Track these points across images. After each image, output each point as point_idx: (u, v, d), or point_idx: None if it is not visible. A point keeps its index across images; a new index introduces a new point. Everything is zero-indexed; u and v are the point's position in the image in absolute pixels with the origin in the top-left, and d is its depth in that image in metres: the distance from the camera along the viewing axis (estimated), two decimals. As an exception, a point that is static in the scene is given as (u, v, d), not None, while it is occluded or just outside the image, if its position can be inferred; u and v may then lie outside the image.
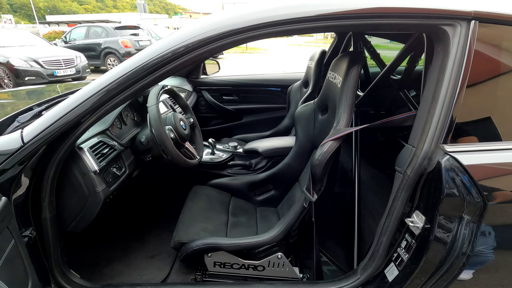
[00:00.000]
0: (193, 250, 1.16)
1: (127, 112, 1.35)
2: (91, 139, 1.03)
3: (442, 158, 0.78)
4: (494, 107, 0.81)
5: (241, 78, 2.44)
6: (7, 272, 0.69)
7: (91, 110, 0.83)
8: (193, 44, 0.79)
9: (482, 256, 0.83)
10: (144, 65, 0.81)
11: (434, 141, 0.80)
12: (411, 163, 0.84)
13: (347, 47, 1.92)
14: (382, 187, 1.28)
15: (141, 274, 1.32)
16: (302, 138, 1.43)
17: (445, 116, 0.79)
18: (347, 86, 1.02)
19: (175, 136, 1.22)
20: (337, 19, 0.80)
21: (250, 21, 0.78)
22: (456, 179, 0.77)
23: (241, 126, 2.50)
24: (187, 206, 1.40)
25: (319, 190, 1.07)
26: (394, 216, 0.92)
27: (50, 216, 0.94)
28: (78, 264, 1.34)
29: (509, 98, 0.81)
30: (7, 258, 0.69)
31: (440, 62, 0.82)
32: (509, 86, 0.81)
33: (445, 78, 0.79)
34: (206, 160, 1.70)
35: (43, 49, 6.58)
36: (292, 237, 1.21)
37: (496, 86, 0.81)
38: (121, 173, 1.12)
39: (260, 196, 1.63)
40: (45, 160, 0.88)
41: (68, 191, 0.97)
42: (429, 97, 0.83)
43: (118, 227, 1.62)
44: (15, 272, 0.74)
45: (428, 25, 0.81)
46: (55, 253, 0.99)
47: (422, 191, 0.87)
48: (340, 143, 0.98)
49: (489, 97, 0.81)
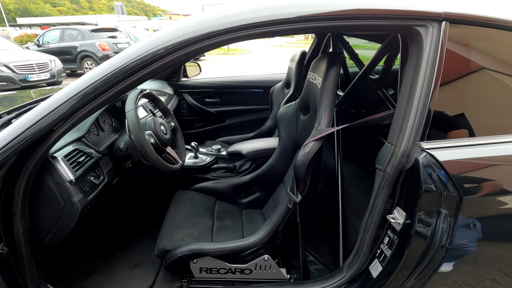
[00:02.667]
0: (178, 257, 1.13)
1: (104, 118, 1.30)
2: (65, 147, 0.99)
3: (419, 155, 0.80)
4: (467, 104, 0.84)
5: (223, 80, 2.43)
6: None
7: (64, 116, 0.79)
8: (173, 46, 0.78)
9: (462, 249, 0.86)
10: (122, 68, 0.79)
11: (412, 138, 0.82)
12: (391, 161, 0.86)
13: (326, 47, 1.95)
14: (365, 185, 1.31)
15: (124, 284, 1.27)
16: (285, 139, 1.44)
17: (421, 114, 0.81)
18: (327, 87, 1.03)
19: (155, 141, 1.19)
20: (315, 21, 0.80)
21: (230, 23, 0.78)
22: (433, 175, 0.79)
23: (224, 128, 2.48)
24: (171, 212, 1.37)
25: (303, 191, 1.07)
26: (376, 213, 0.94)
27: (23, 230, 0.89)
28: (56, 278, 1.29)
29: (480, 94, 0.84)
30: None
31: (414, 61, 0.84)
32: (479, 83, 0.84)
33: (420, 77, 0.81)
34: (189, 164, 1.67)
35: (14, 53, 6.27)
36: (278, 238, 1.20)
37: (468, 83, 0.84)
38: (99, 181, 1.07)
39: (245, 198, 1.62)
40: (16, 171, 0.83)
41: (42, 203, 0.92)
42: (405, 96, 0.86)
43: (100, 237, 1.57)
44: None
45: (402, 26, 0.83)
46: (30, 268, 0.94)
47: (402, 188, 0.89)
48: (322, 143, 0.99)
49: (462, 94, 0.84)
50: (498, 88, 0.85)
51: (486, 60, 0.84)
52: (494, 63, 0.85)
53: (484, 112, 0.85)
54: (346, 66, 1.84)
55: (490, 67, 0.84)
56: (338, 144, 1.57)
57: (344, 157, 1.59)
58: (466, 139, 0.82)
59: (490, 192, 0.80)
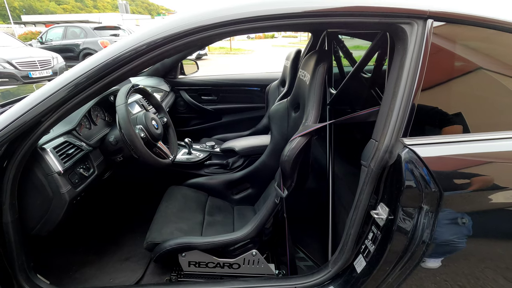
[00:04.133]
0: (166, 250, 1.14)
1: (97, 112, 1.32)
2: (55, 139, 1.00)
3: (401, 151, 0.81)
4: (450, 101, 0.85)
5: (220, 78, 2.44)
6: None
7: (52, 108, 0.81)
8: (167, 37, 0.79)
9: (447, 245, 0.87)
10: (115, 58, 0.79)
11: (394, 135, 0.83)
12: (374, 157, 0.87)
13: (322, 46, 1.96)
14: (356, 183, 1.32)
15: (113, 277, 1.29)
16: (277, 136, 1.45)
17: (404, 110, 0.82)
18: (314, 84, 1.04)
19: (145, 136, 1.20)
20: (301, 17, 0.82)
21: (219, 18, 0.79)
22: (415, 171, 0.80)
23: (220, 126, 2.49)
24: (162, 207, 1.39)
25: (290, 186, 1.08)
26: (361, 209, 0.95)
27: (12, 220, 0.90)
28: (48, 270, 1.31)
29: (464, 92, 0.85)
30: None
31: (399, 59, 0.85)
32: (463, 81, 0.85)
33: (404, 74, 0.82)
34: (183, 160, 1.68)
35: (17, 50, 6.32)
36: (266, 234, 1.22)
37: (451, 81, 0.85)
38: (89, 174, 1.09)
39: (237, 194, 1.64)
40: (4, 162, 0.85)
41: (31, 193, 0.94)
42: (390, 92, 0.86)
43: (92, 230, 1.58)
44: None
45: (388, 24, 0.84)
46: (19, 258, 0.95)
47: (386, 184, 0.90)
48: (308, 139, 1.00)
49: (445, 91, 0.85)
50: (482, 86, 0.86)
51: (470, 58, 0.85)
52: (479, 61, 0.85)
53: (467, 110, 0.85)
54: (341, 65, 1.85)
55: (474, 65, 0.85)
56: (330, 142, 1.58)
57: (337, 155, 1.60)
58: (448, 136, 0.83)
59: (471, 188, 0.80)
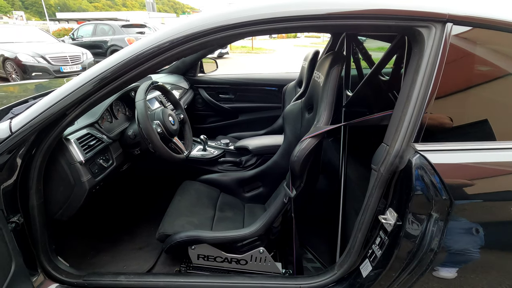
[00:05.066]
0: (176, 242, 1.19)
1: (118, 107, 1.39)
2: (79, 131, 1.07)
3: (412, 157, 0.80)
4: (465, 108, 0.83)
5: (238, 77, 2.47)
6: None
7: (76, 102, 0.86)
8: (190, 35, 0.81)
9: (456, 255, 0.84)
10: (138, 55, 0.83)
11: (406, 139, 0.82)
12: (385, 161, 0.86)
13: (341, 48, 1.94)
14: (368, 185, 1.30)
15: (127, 264, 1.36)
16: (290, 136, 1.46)
17: (417, 115, 0.81)
18: (327, 85, 1.04)
19: (162, 131, 1.25)
20: (317, 20, 0.82)
21: (239, 18, 0.81)
22: (425, 177, 0.79)
23: (236, 124, 2.53)
24: (175, 200, 1.44)
25: (299, 186, 1.09)
26: (369, 213, 0.94)
27: (38, 204, 0.98)
28: (69, 253, 1.39)
29: (480, 99, 0.82)
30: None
31: (415, 63, 0.84)
32: (481, 88, 0.82)
33: (418, 78, 0.81)
34: (197, 156, 1.73)
35: (50, 46, 6.70)
36: (274, 233, 1.23)
37: (468, 87, 0.82)
38: (108, 165, 1.15)
39: (249, 192, 1.66)
40: (33, 150, 0.92)
41: (55, 180, 1.01)
42: (404, 96, 0.85)
43: (110, 219, 1.67)
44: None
45: (405, 27, 0.83)
46: (42, 240, 1.03)
47: (395, 189, 0.88)
48: (318, 141, 1.01)
49: (461, 98, 0.83)
50: (501, 93, 0.83)
51: (491, 64, 0.82)
52: (500, 67, 0.82)
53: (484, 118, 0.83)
54: (360, 67, 1.82)
55: (495, 72, 0.82)
56: (344, 144, 1.57)
57: (351, 157, 1.58)
58: (462, 143, 0.80)
59: (483, 198, 0.78)
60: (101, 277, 1.10)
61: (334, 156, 1.76)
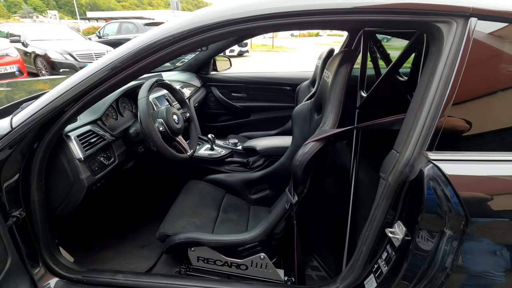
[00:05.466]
0: (175, 243, 1.17)
1: (125, 104, 1.39)
2: (81, 128, 1.07)
3: (424, 166, 0.72)
4: (487, 113, 0.73)
5: (250, 75, 2.43)
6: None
7: (73, 100, 0.85)
8: (203, 27, 0.77)
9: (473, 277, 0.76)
10: (151, 43, 0.80)
11: (418, 147, 0.74)
12: (393, 170, 0.79)
13: (358, 46, 1.84)
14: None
15: (129, 262, 1.36)
16: (298, 138, 1.39)
17: (432, 120, 0.73)
18: (335, 86, 0.97)
19: (165, 129, 1.23)
20: (326, 15, 0.76)
21: (259, 11, 0.75)
22: (438, 190, 0.70)
23: (248, 123, 2.49)
24: (179, 200, 1.42)
25: (302, 192, 1.03)
26: (375, 225, 0.87)
27: (39, 199, 0.98)
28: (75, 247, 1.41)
29: (506, 104, 0.72)
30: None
31: (432, 62, 0.76)
32: (508, 91, 0.72)
33: (435, 79, 0.73)
34: (205, 156, 1.71)
35: (77, 43, 6.98)
36: (276, 239, 1.18)
37: (492, 90, 0.73)
38: (109, 162, 1.15)
39: (255, 194, 1.62)
40: (33, 147, 0.92)
41: (56, 177, 1.01)
42: (418, 99, 0.77)
43: (116, 215, 1.68)
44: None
45: (421, 22, 0.75)
46: (44, 234, 1.04)
47: (405, 201, 0.81)
48: (323, 145, 0.94)
49: (483, 102, 0.73)
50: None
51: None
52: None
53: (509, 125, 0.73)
54: (378, 67, 1.72)
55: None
56: (356, 148, 1.48)
57: (364, 162, 1.50)
58: (482, 153, 0.71)
59: (506, 216, 0.69)
60: (99, 274, 1.10)
61: (347, 159, 1.68)
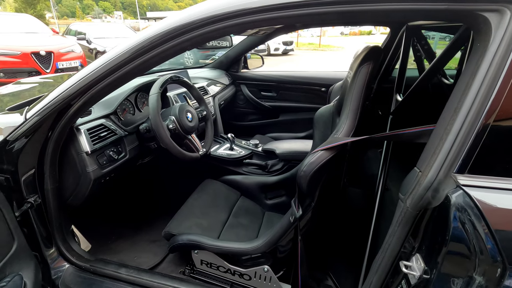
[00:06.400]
0: (178, 244, 1.14)
1: (144, 100, 1.40)
2: (92, 122, 1.10)
3: (452, 192, 0.58)
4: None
5: (281, 74, 2.33)
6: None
7: (79, 93, 0.86)
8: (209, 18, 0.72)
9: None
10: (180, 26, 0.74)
11: (445, 167, 0.59)
12: (412, 192, 0.65)
13: (400, 42, 1.64)
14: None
15: (138, 255, 1.38)
16: (318, 143, 1.26)
17: (466, 135, 0.57)
18: (353, 88, 0.85)
19: (175, 127, 1.21)
20: (340, 4, 0.65)
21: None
22: (468, 224, 0.55)
23: (276, 124, 2.39)
24: (191, 198, 1.40)
25: (309, 206, 0.92)
26: (388, 254, 0.73)
27: (52, 188, 1.03)
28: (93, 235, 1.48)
29: None
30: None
31: (475, 62, 0.60)
32: None
33: (475, 83, 0.57)
34: (223, 155, 1.67)
35: (131, 41, 7.55)
36: (281, 251, 1.08)
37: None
38: (119, 157, 1.16)
39: (271, 200, 1.53)
40: (46, 138, 0.96)
41: (67, 168, 1.05)
42: (451, 108, 0.62)
43: (134, 207, 1.73)
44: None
45: (461, 12, 0.60)
46: (57, 221, 1.09)
47: (426, 230, 0.66)
48: (333, 155, 0.82)
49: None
50: None
51: None
52: None
53: None
54: (423, 67, 1.51)
55: None
56: (386, 158, 1.31)
57: (397, 175, 1.32)
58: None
59: None
60: (105, 265, 1.12)
61: (377, 169, 1.50)
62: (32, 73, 4.96)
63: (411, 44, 1.50)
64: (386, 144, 1.34)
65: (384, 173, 1.30)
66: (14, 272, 0.88)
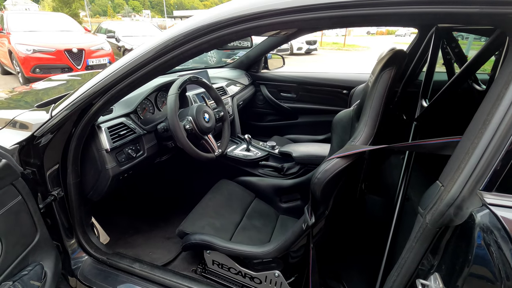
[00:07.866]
0: (191, 243, 1.16)
1: (164, 99, 1.43)
2: (113, 120, 1.13)
3: (477, 211, 0.54)
4: None
5: (301, 75, 2.29)
6: (7, 222, 0.82)
7: (100, 93, 0.89)
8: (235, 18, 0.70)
9: None
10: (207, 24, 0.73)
11: (470, 183, 0.55)
12: (433, 208, 0.61)
13: (428, 45, 1.55)
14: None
15: (153, 251, 1.41)
16: (336, 149, 1.23)
17: (495, 150, 0.53)
18: (373, 93, 0.81)
19: (191, 127, 1.22)
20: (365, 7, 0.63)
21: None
22: (493, 246, 0.51)
23: (295, 126, 2.36)
24: (206, 198, 1.41)
25: (322, 213, 0.90)
26: (404, 271, 0.70)
27: (74, 182, 1.08)
28: (112, 228, 1.53)
29: None
30: (10, 211, 0.82)
31: (509, 71, 0.56)
32: None
33: (507, 95, 0.53)
34: (239, 156, 1.67)
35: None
36: (293, 257, 1.07)
37: None
38: (137, 155, 1.19)
39: (286, 203, 1.51)
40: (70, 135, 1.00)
41: (88, 164, 1.09)
42: (481, 118, 0.58)
43: (152, 203, 1.77)
44: (18, 224, 0.88)
45: (494, 15, 0.56)
46: (78, 214, 1.14)
47: (446, 249, 0.62)
48: (350, 162, 0.79)
49: None
50: None
51: None
52: None
53: None
54: (453, 71, 1.42)
55: None
56: (408, 166, 1.25)
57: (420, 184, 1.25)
58: None
59: None
60: (120, 259, 1.16)
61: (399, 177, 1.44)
62: (65, 69, 5.25)
63: (440, 47, 1.42)
64: (407, 153, 1.28)
65: (405, 182, 1.24)
66: (36, 262, 0.93)
